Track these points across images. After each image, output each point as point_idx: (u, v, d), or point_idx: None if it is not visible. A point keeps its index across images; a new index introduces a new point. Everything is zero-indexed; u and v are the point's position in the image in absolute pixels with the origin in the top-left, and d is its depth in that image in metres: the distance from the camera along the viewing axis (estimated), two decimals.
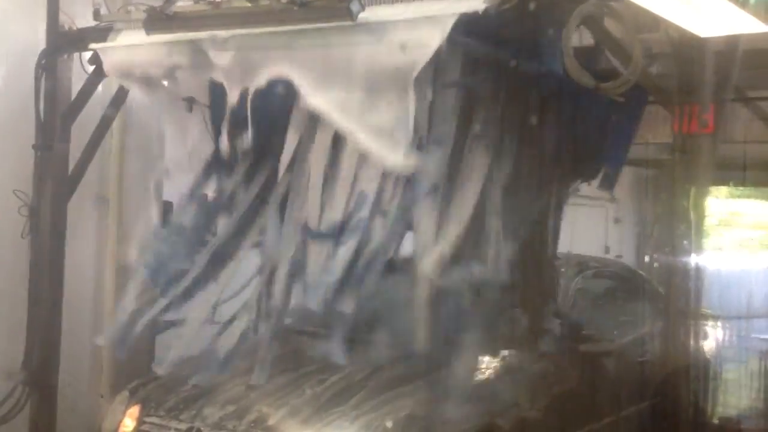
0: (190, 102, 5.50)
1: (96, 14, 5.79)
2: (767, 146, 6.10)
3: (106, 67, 5.63)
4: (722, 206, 8.67)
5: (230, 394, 4.87)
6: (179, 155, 5.70)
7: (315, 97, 4.70)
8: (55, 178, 6.07)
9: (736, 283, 8.14)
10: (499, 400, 4.73)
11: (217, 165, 5.38)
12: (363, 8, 4.48)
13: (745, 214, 8.96)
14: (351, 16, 4.49)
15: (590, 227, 9.87)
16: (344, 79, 4.66)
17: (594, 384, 5.36)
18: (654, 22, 4.27)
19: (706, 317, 5.49)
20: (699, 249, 5.09)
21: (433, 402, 4.49)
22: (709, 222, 6.15)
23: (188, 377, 4.99)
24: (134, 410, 5.01)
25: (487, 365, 4.99)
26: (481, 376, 4.90)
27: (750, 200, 8.87)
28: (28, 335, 5.98)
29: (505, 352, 5.09)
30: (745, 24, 4.30)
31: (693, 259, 5.00)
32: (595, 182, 5.48)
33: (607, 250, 10.40)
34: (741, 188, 8.37)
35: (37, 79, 6.01)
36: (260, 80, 4.96)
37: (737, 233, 9.10)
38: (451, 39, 4.33)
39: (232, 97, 5.07)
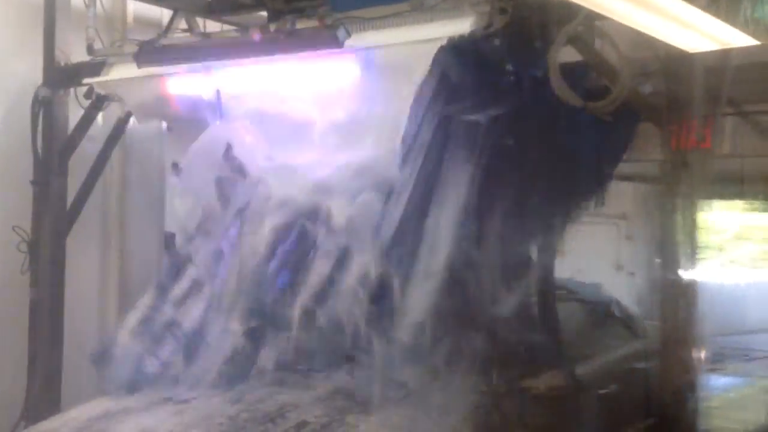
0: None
1: (90, 49, 5.86)
2: (766, 160, 6.05)
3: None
4: (728, 220, 8.59)
5: None
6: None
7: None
8: (53, 214, 6.09)
9: (743, 298, 8.06)
10: None
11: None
12: (349, 35, 4.49)
13: (751, 228, 8.87)
14: (338, 43, 4.51)
15: (603, 245, 9.81)
16: (334, 104, 4.68)
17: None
18: (641, 37, 4.23)
19: (704, 339, 5.24)
20: (700, 265, 5.03)
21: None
22: (713, 237, 6.07)
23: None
24: None
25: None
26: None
27: (754, 213, 8.80)
28: (29, 371, 5.98)
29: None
30: (734, 38, 4.26)
31: (692, 275, 4.93)
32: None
33: (619, 267, 10.32)
34: (749, 202, 8.30)
35: (34, 115, 6.06)
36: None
37: (747, 247, 9.02)
38: (439, 62, 4.34)
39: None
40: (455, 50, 4.30)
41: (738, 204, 8.41)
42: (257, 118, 5.21)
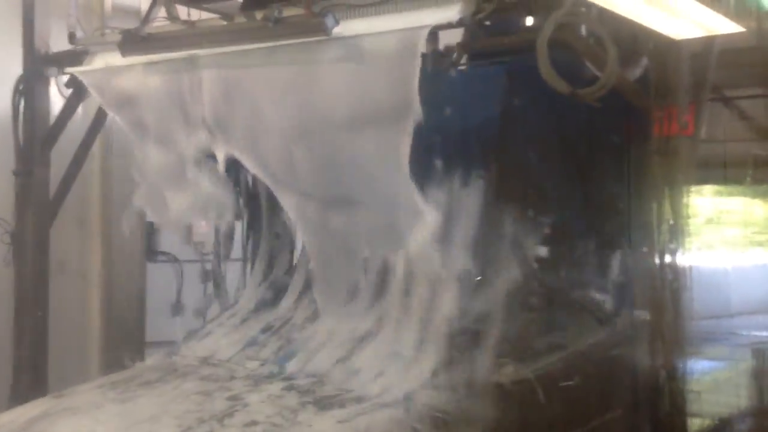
0: None
1: (71, 38, 5.79)
2: (747, 144, 6.13)
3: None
4: (708, 205, 8.69)
5: None
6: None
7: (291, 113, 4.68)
8: (36, 204, 6.03)
9: (725, 282, 8.15)
10: None
11: None
12: (337, 23, 4.48)
13: (732, 212, 8.98)
14: (326, 31, 4.49)
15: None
16: (323, 95, 4.65)
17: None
18: (628, 24, 4.26)
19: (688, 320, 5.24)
20: (684, 249, 5.09)
21: None
22: (695, 221, 6.12)
23: None
24: None
25: None
26: None
27: (736, 198, 8.90)
28: (14, 364, 5.93)
29: None
30: (719, 24, 4.32)
31: (676, 260, 4.99)
32: None
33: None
34: (727, 186, 8.40)
35: (14, 105, 5.99)
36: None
37: (726, 231, 9.13)
38: (431, 49, 4.35)
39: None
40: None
41: (711, 189, 8.51)
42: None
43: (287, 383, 4.48)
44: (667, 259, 4.97)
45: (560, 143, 5.20)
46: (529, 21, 4.60)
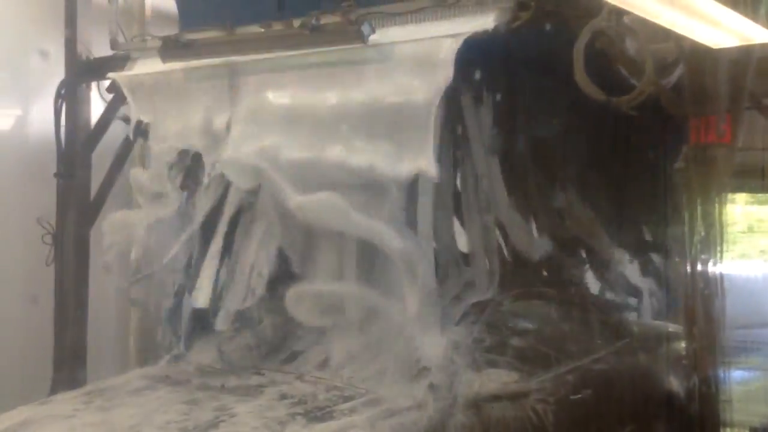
0: None
1: (113, 43, 5.91)
2: None
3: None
4: (745, 213, 8.59)
5: None
6: None
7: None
8: (77, 206, 6.16)
9: (760, 290, 8.05)
10: None
11: None
12: (374, 30, 4.53)
13: (764, 221, 8.87)
14: (362, 38, 4.54)
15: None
16: (356, 102, 4.68)
17: None
18: (664, 32, 4.25)
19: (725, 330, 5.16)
20: (719, 257, 5.05)
21: None
22: (731, 230, 6.06)
23: None
24: None
25: None
26: None
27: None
28: (54, 363, 6.05)
29: None
30: (756, 33, 4.28)
31: (714, 269, 4.95)
32: None
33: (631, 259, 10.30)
34: (764, 194, 8.29)
35: (56, 109, 6.12)
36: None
37: (762, 240, 9.01)
38: (464, 58, 4.37)
39: None
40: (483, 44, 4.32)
41: (747, 197, 8.42)
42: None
43: (279, 393, 4.33)
44: (703, 267, 4.94)
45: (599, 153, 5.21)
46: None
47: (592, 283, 5.91)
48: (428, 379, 4.19)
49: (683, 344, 5.21)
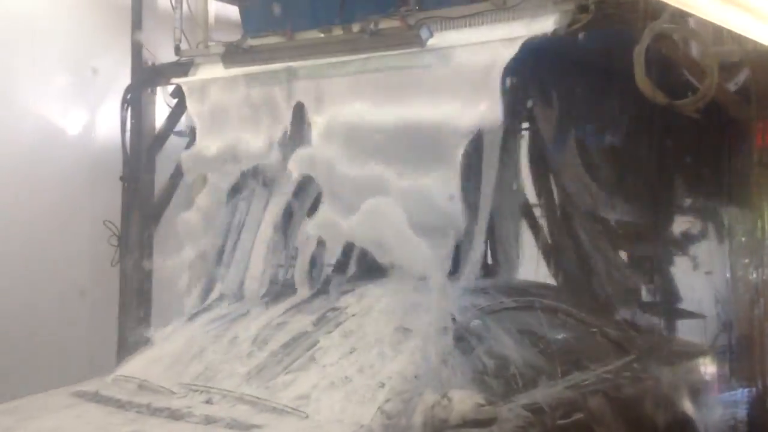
0: None
1: (177, 50, 6.05)
2: None
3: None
4: None
5: None
6: None
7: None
8: (141, 208, 6.31)
9: None
10: None
11: None
12: (432, 35, 4.54)
13: None
14: (421, 42, 4.56)
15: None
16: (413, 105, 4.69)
17: None
18: (727, 34, 4.19)
19: None
20: None
21: None
22: None
23: None
24: None
25: None
26: None
27: None
28: (118, 360, 6.17)
29: None
30: None
31: None
32: None
33: (695, 265, 10.10)
34: None
35: (122, 114, 6.28)
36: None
37: None
38: (522, 61, 4.36)
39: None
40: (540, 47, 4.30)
41: None
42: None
43: (206, 416, 3.91)
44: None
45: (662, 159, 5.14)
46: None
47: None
48: (380, 400, 3.73)
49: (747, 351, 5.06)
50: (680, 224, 5.86)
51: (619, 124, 5.39)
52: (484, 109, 4.34)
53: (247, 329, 4.57)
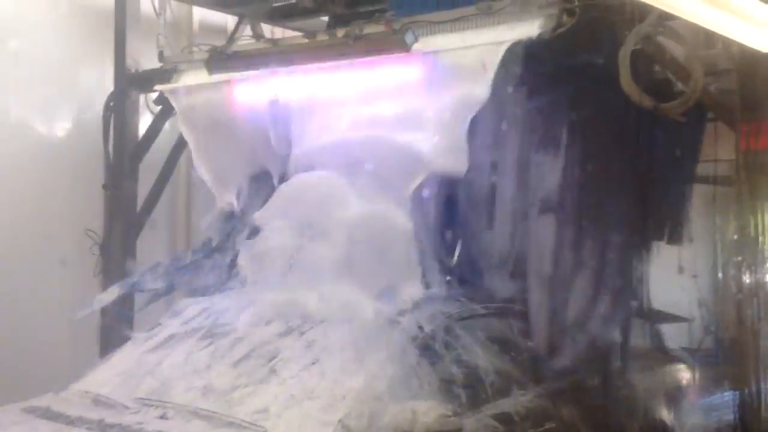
0: None
1: (161, 56, 5.99)
2: None
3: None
4: None
5: None
6: None
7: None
8: (124, 217, 6.24)
9: None
10: None
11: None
12: (417, 39, 4.52)
13: None
14: (406, 46, 4.54)
15: (664, 246, 9.66)
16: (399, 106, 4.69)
17: None
18: (710, 38, 4.19)
19: None
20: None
21: None
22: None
23: None
24: None
25: None
26: None
27: None
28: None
29: None
30: None
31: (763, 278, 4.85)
32: None
33: (681, 270, 10.12)
34: None
35: (105, 121, 6.22)
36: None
37: None
38: (507, 65, 4.34)
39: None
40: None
41: None
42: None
43: None
44: (757, 276, 4.85)
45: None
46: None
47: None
48: (341, 414, 3.59)
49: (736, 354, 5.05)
50: (664, 227, 5.83)
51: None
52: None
53: (207, 341, 4.35)
